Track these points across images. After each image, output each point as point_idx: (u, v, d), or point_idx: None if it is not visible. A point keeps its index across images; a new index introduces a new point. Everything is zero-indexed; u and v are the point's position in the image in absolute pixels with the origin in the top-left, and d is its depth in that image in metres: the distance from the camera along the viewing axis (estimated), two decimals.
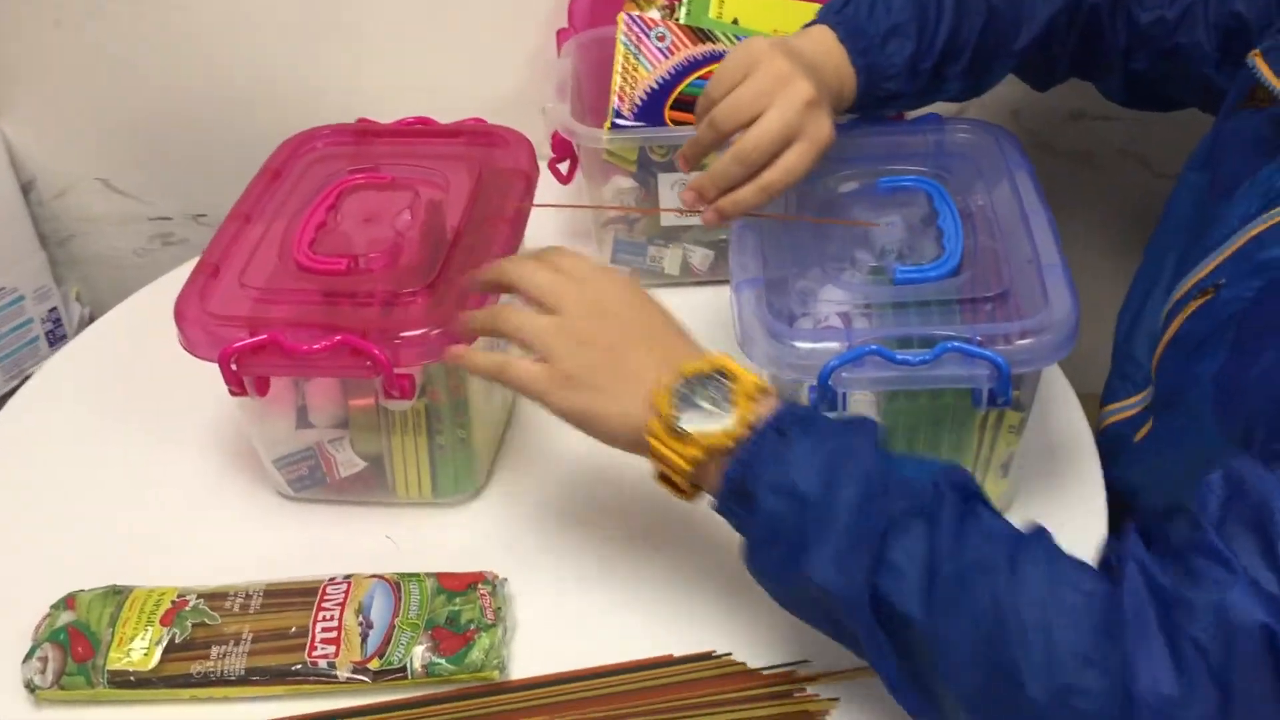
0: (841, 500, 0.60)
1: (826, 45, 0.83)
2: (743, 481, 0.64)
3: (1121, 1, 0.88)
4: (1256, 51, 0.77)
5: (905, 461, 0.63)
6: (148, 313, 1.07)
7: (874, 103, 0.85)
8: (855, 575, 0.59)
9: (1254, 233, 0.75)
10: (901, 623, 0.59)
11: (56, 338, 1.41)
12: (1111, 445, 0.87)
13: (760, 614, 0.78)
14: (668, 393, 0.65)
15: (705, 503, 0.69)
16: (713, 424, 0.64)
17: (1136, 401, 0.85)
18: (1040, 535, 0.60)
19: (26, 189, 1.38)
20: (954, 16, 0.84)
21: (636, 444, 0.67)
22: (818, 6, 1.06)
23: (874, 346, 0.68)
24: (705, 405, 0.64)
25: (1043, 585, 0.57)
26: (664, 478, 0.68)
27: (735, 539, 0.83)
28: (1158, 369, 0.81)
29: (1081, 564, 0.59)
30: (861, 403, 0.74)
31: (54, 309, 1.41)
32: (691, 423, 0.64)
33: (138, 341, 1.03)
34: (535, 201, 0.89)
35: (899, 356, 0.68)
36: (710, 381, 0.65)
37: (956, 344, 0.68)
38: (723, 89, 0.79)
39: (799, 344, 0.71)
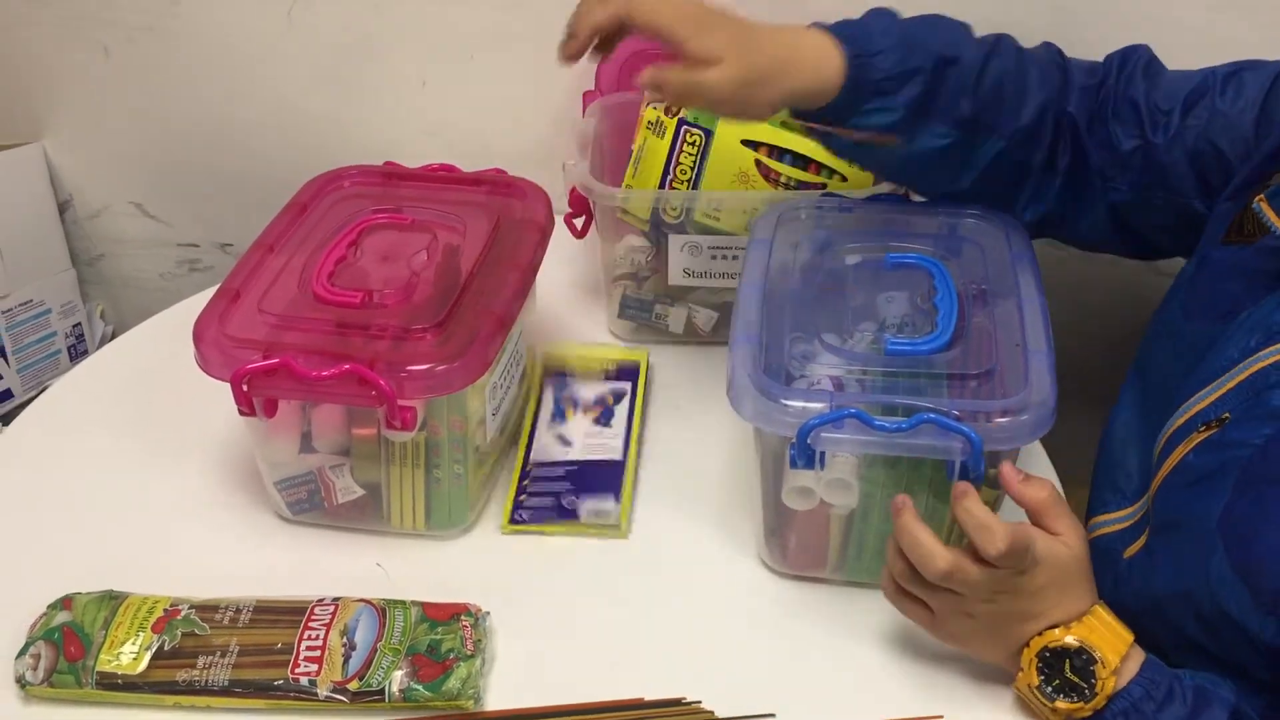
0: None
1: (801, 33, 0.84)
2: None
3: (1098, 120, 0.89)
4: (1262, 197, 0.79)
5: None
6: (167, 334, 1.11)
7: (868, 86, 0.83)
8: None
9: (1257, 368, 0.76)
10: None
11: (78, 353, 1.45)
12: (1100, 558, 0.84)
13: (733, 665, 0.80)
14: (1033, 663, 0.72)
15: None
16: (1075, 698, 0.71)
17: (1127, 515, 0.85)
18: None
19: (63, 207, 1.42)
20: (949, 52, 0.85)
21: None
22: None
23: (853, 410, 0.71)
24: (1070, 676, 0.71)
25: None
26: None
27: (715, 591, 0.86)
28: (1157, 494, 0.80)
29: None
30: (843, 464, 0.76)
31: (78, 324, 1.45)
32: (1055, 693, 0.72)
33: (155, 360, 1.07)
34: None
35: (876, 422, 0.71)
36: (1076, 658, 0.71)
37: (933, 415, 0.71)
38: None
39: (784, 401, 0.74)
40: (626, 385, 1.02)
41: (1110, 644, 0.71)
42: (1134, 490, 0.85)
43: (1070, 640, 0.71)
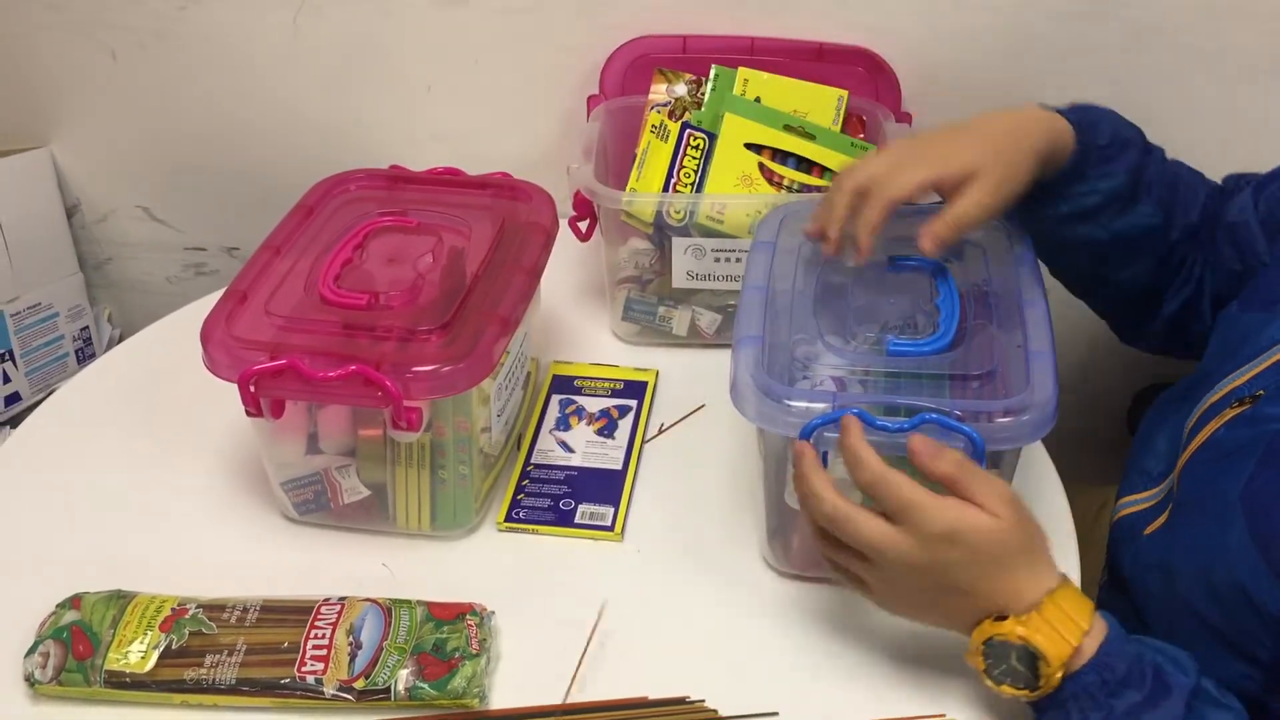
0: None
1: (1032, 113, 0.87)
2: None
3: (1208, 228, 0.94)
4: None
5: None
6: (174, 336, 1.11)
7: (1094, 152, 0.87)
8: None
9: None
10: None
11: (85, 356, 1.46)
12: (1121, 536, 0.89)
13: (736, 665, 0.80)
14: (979, 649, 0.71)
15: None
16: (1022, 686, 0.70)
17: (1152, 495, 0.87)
18: None
19: (71, 212, 1.43)
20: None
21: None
22: (839, 91, 1.11)
23: (856, 410, 0.72)
24: (1016, 665, 0.70)
25: None
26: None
27: (718, 591, 0.86)
28: (1183, 471, 0.82)
29: None
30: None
31: (86, 328, 1.46)
32: (1002, 677, 0.71)
33: (162, 363, 1.08)
34: None
35: (879, 422, 0.71)
36: (1019, 653, 0.70)
37: (935, 415, 0.71)
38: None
39: (786, 402, 0.74)
40: (633, 402, 1.03)
41: (1059, 642, 0.68)
42: (1160, 472, 0.87)
43: (1015, 636, 0.69)
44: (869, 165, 0.83)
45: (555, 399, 1.03)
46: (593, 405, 1.02)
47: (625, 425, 1.00)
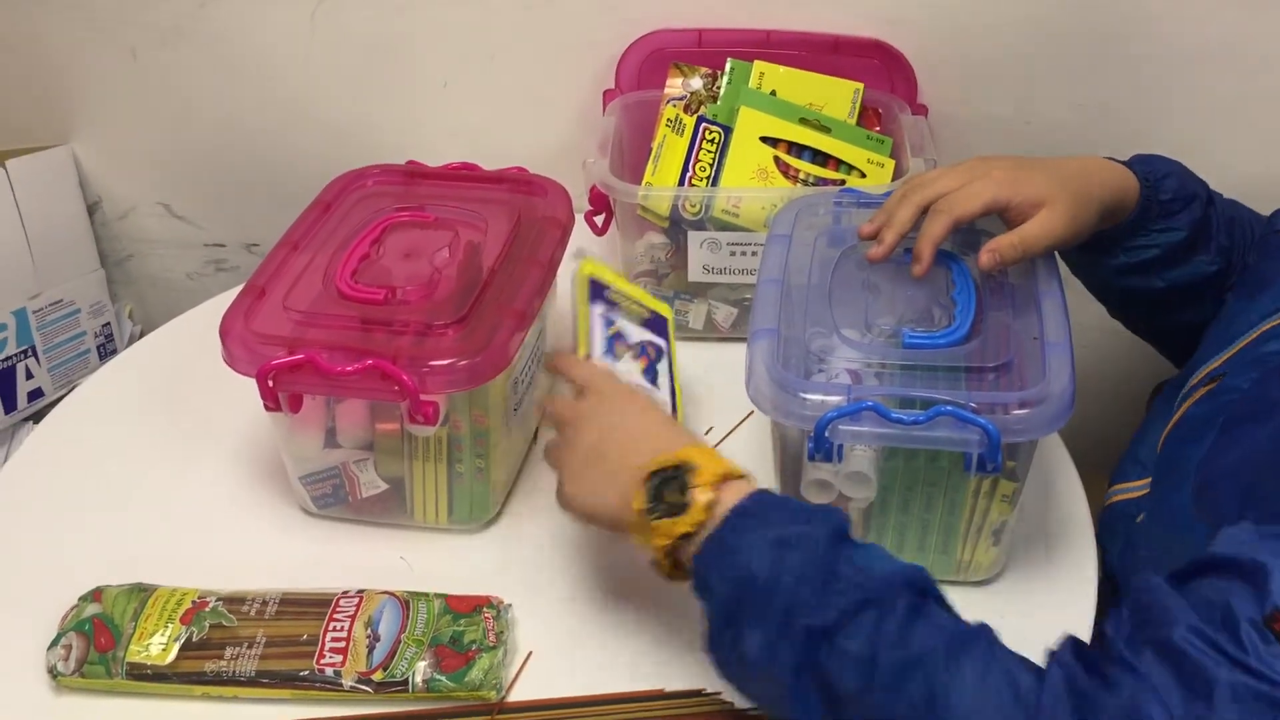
0: (783, 584, 0.63)
1: (1099, 161, 0.88)
2: (703, 572, 0.68)
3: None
4: None
5: (870, 553, 0.65)
6: (194, 332, 1.12)
7: (1156, 207, 0.88)
8: (786, 655, 0.62)
9: (1265, 328, 0.80)
10: (840, 699, 0.61)
11: (107, 352, 1.47)
12: (1113, 524, 0.89)
13: None
14: (640, 488, 0.71)
15: None
16: (676, 514, 0.69)
17: (1144, 485, 0.87)
18: (983, 631, 0.63)
19: (92, 209, 1.44)
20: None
21: (618, 529, 0.73)
22: (855, 84, 1.11)
23: (871, 402, 0.72)
24: (671, 497, 0.69)
25: (976, 677, 0.59)
26: (654, 562, 0.73)
27: None
28: (1161, 450, 0.84)
29: (1018, 659, 0.61)
30: (861, 457, 0.77)
31: (107, 324, 1.47)
32: (657, 514, 0.69)
33: (183, 359, 1.09)
34: None
35: (894, 414, 0.71)
36: (675, 475, 0.70)
37: (950, 408, 0.71)
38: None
39: (802, 395, 0.74)
40: (663, 341, 0.95)
41: (709, 459, 0.70)
42: (1154, 462, 0.88)
43: (669, 459, 0.70)
44: (939, 181, 0.84)
45: (596, 313, 0.90)
46: (633, 334, 0.92)
47: (664, 375, 0.92)
